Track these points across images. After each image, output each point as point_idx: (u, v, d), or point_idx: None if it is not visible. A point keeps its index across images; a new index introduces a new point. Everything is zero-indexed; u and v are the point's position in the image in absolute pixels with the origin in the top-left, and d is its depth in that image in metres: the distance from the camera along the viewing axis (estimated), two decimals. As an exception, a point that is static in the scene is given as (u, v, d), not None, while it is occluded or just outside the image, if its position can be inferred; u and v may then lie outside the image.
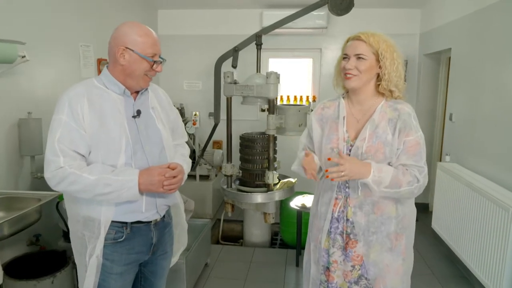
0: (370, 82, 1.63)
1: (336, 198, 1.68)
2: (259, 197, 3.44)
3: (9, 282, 2.20)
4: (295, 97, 5.00)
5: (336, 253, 1.70)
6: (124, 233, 1.55)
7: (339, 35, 4.62)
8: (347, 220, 1.67)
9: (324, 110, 1.76)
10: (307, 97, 4.99)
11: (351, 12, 3.70)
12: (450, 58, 3.89)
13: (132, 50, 1.47)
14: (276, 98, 3.44)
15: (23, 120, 2.60)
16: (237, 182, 3.69)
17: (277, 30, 4.10)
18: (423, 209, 4.49)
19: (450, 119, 3.74)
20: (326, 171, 1.55)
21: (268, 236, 3.88)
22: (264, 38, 3.84)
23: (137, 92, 1.59)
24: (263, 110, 4.81)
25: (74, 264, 2.48)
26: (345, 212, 1.67)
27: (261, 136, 3.57)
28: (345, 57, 1.63)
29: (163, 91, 1.77)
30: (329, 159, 1.59)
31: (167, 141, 1.64)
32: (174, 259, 1.91)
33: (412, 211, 1.74)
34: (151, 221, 1.61)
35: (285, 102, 4.95)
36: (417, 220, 1.79)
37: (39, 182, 2.68)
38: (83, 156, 1.46)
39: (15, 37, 2.39)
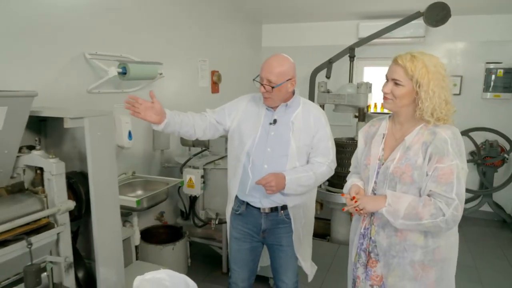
0: (409, 106, 1.55)
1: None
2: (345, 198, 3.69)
3: (143, 245, 2.91)
4: (390, 105, 5.06)
5: (360, 269, 1.71)
6: (241, 208, 2.06)
7: (437, 43, 4.54)
8: (370, 238, 1.66)
9: (370, 128, 1.76)
10: (402, 104, 5.02)
11: (452, 20, 3.71)
12: None
13: None
14: (369, 106, 3.65)
15: (156, 122, 3.29)
16: (327, 183, 3.98)
17: (373, 40, 4.26)
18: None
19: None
20: (343, 209, 1.69)
21: (354, 236, 4.09)
22: (360, 48, 4.06)
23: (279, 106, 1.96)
24: (356, 117, 5.00)
25: (189, 237, 3.12)
26: (369, 229, 1.67)
27: (350, 141, 3.82)
28: (386, 78, 1.60)
29: (319, 114, 1.98)
30: (342, 194, 1.71)
31: (293, 151, 1.91)
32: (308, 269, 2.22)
33: (450, 244, 1.60)
34: (259, 208, 2.00)
35: (378, 110, 5.07)
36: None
37: (166, 171, 3.39)
38: (217, 120, 2.04)
39: (154, 58, 3.08)
